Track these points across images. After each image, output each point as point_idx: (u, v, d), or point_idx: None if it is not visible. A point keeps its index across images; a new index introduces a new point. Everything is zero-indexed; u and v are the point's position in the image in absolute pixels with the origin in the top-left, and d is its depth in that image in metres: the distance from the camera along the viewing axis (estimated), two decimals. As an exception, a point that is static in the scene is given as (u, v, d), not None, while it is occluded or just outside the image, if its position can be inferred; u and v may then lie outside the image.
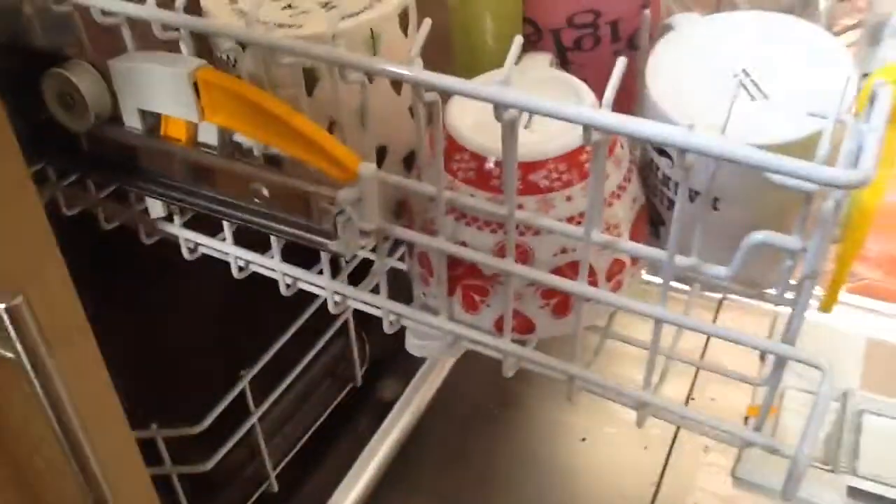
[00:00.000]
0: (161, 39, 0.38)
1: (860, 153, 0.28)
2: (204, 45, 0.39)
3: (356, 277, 0.49)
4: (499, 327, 0.41)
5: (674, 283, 0.35)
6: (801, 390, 0.84)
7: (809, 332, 0.36)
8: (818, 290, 0.34)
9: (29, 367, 0.38)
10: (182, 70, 0.37)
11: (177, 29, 0.37)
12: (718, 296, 0.75)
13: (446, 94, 0.34)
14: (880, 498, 0.76)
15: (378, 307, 0.44)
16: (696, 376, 0.87)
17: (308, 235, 0.39)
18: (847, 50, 0.40)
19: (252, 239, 0.47)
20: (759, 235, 0.31)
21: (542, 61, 0.45)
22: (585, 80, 0.46)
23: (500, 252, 0.38)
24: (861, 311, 0.96)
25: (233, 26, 0.35)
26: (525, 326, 0.41)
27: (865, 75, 0.42)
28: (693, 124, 0.28)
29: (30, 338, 0.37)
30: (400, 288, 0.45)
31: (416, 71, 0.32)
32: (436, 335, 0.44)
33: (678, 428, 0.81)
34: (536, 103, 0.30)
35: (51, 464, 0.40)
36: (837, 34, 0.49)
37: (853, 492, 0.77)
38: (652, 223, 0.44)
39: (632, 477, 0.81)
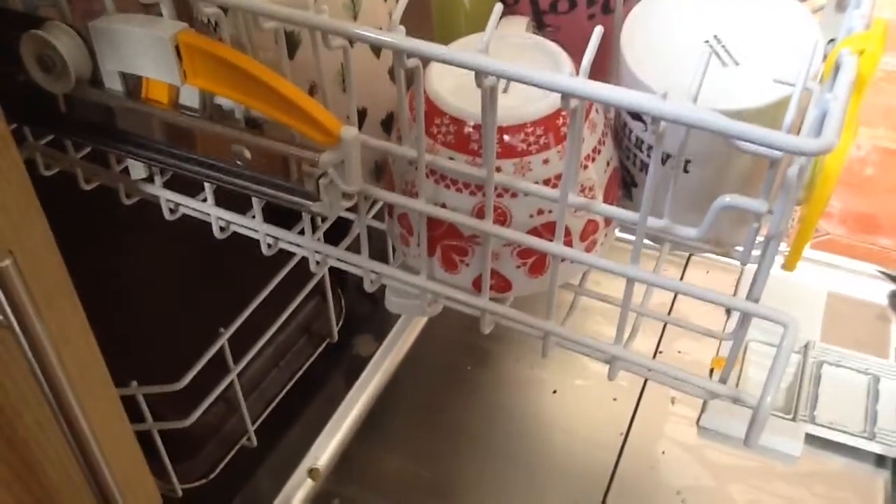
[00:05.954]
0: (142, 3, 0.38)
1: (824, 120, 0.29)
2: (184, 7, 0.39)
3: (332, 232, 0.49)
4: (477, 286, 0.42)
5: (645, 241, 0.37)
6: (765, 343, 0.87)
7: (773, 286, 0.37)
8: (784, 247, 0.36)
9: (18, 329, 0.38)
10: (164, 33, 0.37)
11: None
12: (686, 252, 0.77)
13: (427, 60, 0.35)
14: (836, 444, 0.80)
15: (359, 266, 0.45)
16: (663, 331, 0.90)
17: (290, 197, 0.40)
18: (814, 17, 0.41)
19: (232, 198, 0.47)
20: (726, 199, 0.32)
21: (519, 25, 0.45)
22: (561, 43, 0.47)
23: (479, 213, 0.39)
24: (823, 266, 0.99)
25: (215, -10, 0.36)
26: (502, 285, 0.42)
27: (832, 41, 0.43)
28: (666, 93, 0.29)
29: (18, 300, 0.38)
30: (374, 242, 0.46)
31: (399, 38, 0.32)
32: (415, 293, 0.45)
33: (646, 380, 0.83)
34: (517, 71, 0.31)
35: (40, 423, 0.40)
36: (806, -3, 0.50)
37: (811, 438, 0.80)
38: (624, 184, 0.45)
39: (601, 427, 0.83)
